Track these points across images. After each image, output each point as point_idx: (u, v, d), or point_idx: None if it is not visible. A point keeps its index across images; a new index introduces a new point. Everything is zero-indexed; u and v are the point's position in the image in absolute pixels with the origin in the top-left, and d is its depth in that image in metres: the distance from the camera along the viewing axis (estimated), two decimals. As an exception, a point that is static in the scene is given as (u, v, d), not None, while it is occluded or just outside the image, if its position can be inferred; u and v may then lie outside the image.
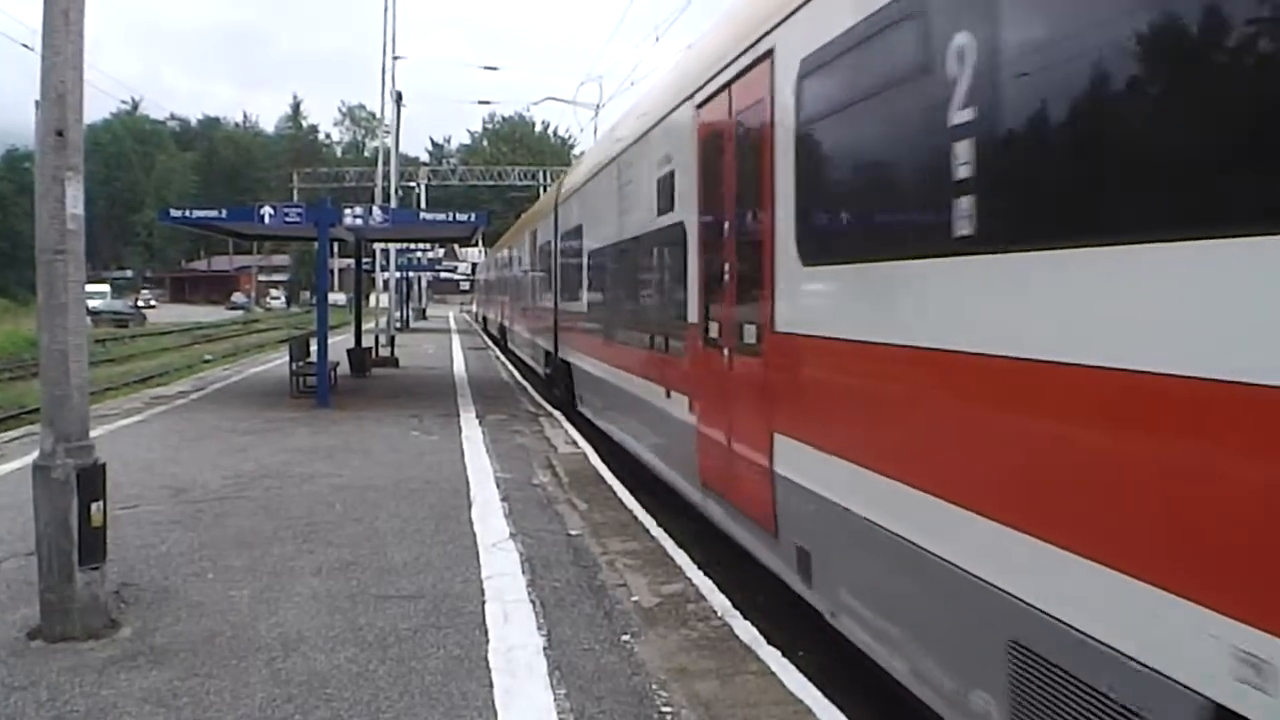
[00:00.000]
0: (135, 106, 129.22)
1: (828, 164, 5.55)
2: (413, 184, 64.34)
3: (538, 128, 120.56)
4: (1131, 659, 3.06)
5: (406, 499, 9.15)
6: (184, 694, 4.75)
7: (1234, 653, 2.66)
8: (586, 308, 14.48)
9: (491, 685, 4.88)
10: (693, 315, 8.03)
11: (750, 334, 6.61)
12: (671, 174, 8.85)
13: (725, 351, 7.18)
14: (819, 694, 4.88)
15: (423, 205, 58.66)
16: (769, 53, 6.12)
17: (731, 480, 7.16)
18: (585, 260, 14.48)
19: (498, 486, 9.77)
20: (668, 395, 9.02)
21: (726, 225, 7.16)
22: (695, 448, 8.01)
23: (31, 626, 5.57)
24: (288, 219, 16.56)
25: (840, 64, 5.14)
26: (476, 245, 56.47)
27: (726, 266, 7.16)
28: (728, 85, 7.07)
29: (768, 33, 6.15)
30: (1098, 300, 3.22)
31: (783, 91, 5.90)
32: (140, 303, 76.84)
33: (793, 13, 5.75)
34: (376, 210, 18.91)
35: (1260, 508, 2.61)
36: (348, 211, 17.13)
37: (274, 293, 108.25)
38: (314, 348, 17.61)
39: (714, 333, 7.50)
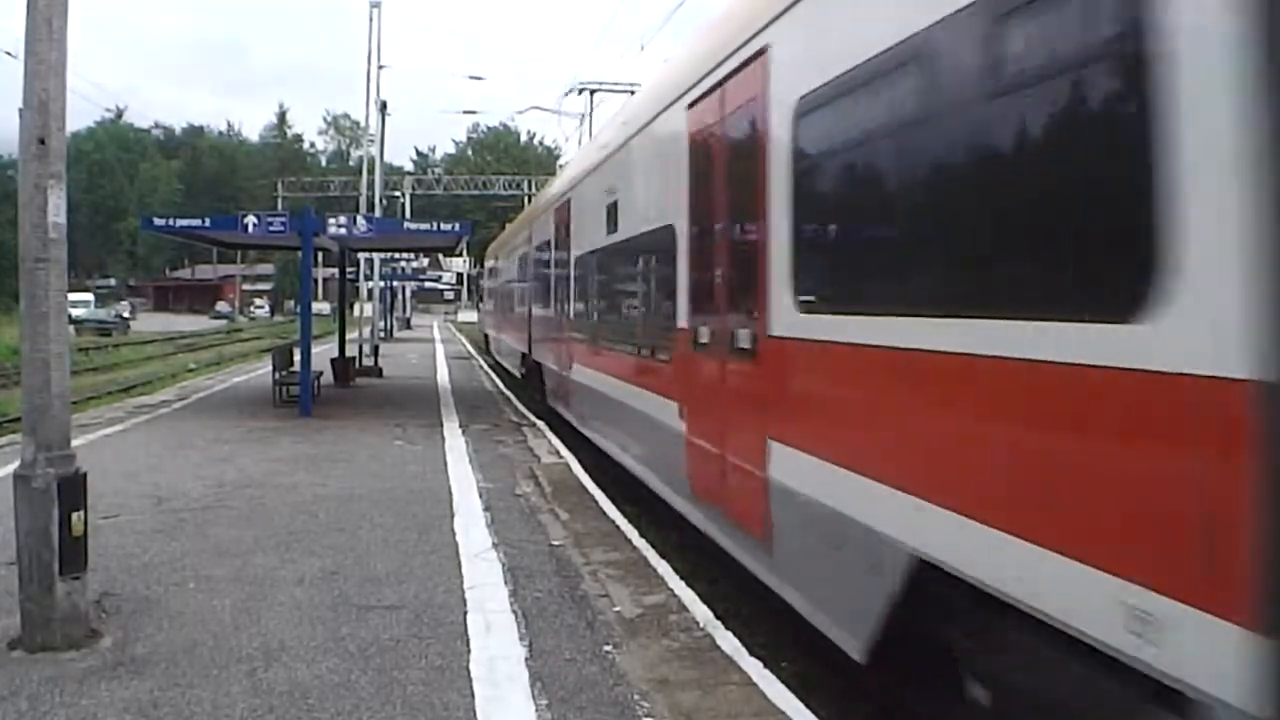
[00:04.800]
0: (119, 115, 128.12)
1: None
2: (397, 193, 64.23)
3: (523, 137, 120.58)
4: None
5: (389, 509, 9.14)
6: (165, 704, 4.74)
7: None
8: None
9: (473, 696, 4.90)
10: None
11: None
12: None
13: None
14: (801, 705, 4.90)
15: (407, 215, 58.59)
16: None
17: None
18: None
19: (480, 496, 9.78)
20: None
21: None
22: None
23: (12, 636, 5.54)
24: (271, 228, 16.53)
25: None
26: (461, 255, 56.46)
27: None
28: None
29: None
30: None
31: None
32: (123, 312, 76.36)
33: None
34: (361, 220, 18.92)
35: None
36: (332, 221, 17.14)
37: (258, 302, 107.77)
38: (297, 357, 17.57)
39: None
